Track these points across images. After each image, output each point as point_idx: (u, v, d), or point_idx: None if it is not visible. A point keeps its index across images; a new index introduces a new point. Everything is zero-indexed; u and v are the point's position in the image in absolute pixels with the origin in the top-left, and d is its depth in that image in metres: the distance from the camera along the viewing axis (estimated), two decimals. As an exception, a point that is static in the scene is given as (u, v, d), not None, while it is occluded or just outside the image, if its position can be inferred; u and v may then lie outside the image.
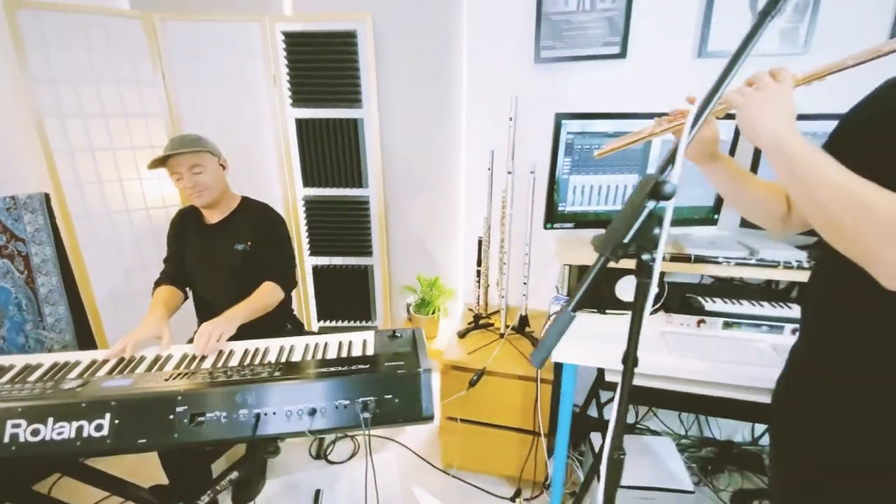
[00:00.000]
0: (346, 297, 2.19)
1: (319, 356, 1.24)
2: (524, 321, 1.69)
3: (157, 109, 1.86)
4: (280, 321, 1.69)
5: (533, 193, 1.53)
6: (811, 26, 1.47)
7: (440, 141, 1.96)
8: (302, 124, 1.95)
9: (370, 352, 1.26)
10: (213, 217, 1.50)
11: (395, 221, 2.12)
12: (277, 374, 1.09)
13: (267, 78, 1.90)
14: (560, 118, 1.44)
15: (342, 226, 2.09)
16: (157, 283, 1.50)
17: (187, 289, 1.56)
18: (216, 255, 1.49)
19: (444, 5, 1.78)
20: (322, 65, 1.87)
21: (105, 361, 1.20)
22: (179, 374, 1.10)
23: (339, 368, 1.12)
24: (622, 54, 1.61)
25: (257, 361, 1.21)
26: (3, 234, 1.62)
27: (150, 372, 1.15)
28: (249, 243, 1.49)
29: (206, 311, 1.54)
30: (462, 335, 1.76)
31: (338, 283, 2.18)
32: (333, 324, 2.27)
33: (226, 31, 1.84)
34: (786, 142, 0.64)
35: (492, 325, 1.80)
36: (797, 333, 0.84)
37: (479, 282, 1.76)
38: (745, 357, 1.24)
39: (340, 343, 1.30)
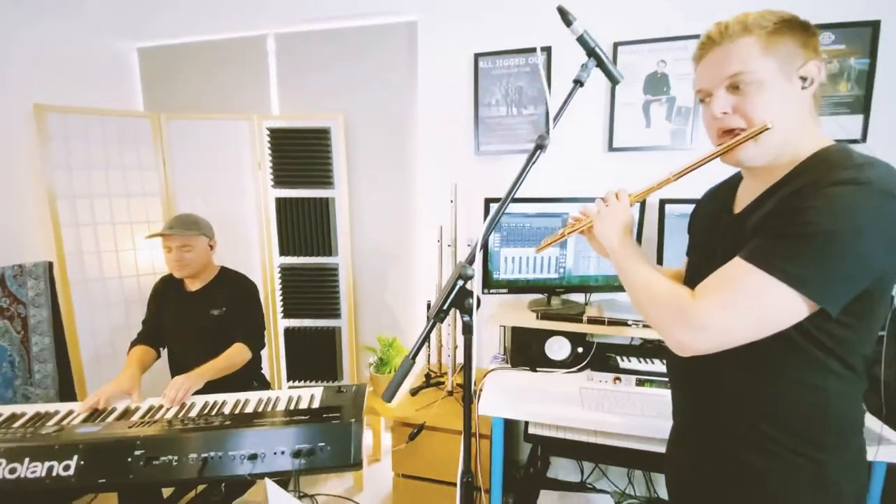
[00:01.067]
0: (315, 357, 2.36)
1: (270, 408, 1.41)
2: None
3: (155, 189, 2.16)
4: (247, 379, 1.86)
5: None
6: (694, 128, 1.80)
7: (400, 216, 2.24)
8: (281, 202, 2.24)
9: (315, 405, 1.43)
10: (193, 285, 1.73)
11: (361, 286, 2.35)
12: (228, 423, 1.26)
13: (253, 164, 2.22)
14: (488, 202, 1.71)
15: (313, 290, 2.31)
16: (134, 343, 1.70)
17: (162, 348, 1.75)
18: (193, 319, 1.70)
19: (403, 109, 2.14)
20: (300, 153, 2.20)
21: (74, 411, 1.36)
22: (143, 423, 1.27)
23: (282, 419, 1.29)
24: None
25: (214, 412, 1.38)
26: (7, 298, 1.84)
27: (119, 420, 1.32)
28: (224, 308, 1.71)
29: (179, 368, 1.72)
30: (414, 393, 1.91)
31: (307, 344, 2.36)
32: (302, 383, 2.41)
33: (220, 127, 2.19)
34: (615, 248, 0.83)
35: (442, 383, 1.96)
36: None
37: (428, 343, 1.95)
38: (656, 412, 1.38)
39: (290, 397, 1.47)
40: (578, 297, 1.88)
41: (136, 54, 2.42)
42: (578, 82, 0.85)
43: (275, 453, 1.21)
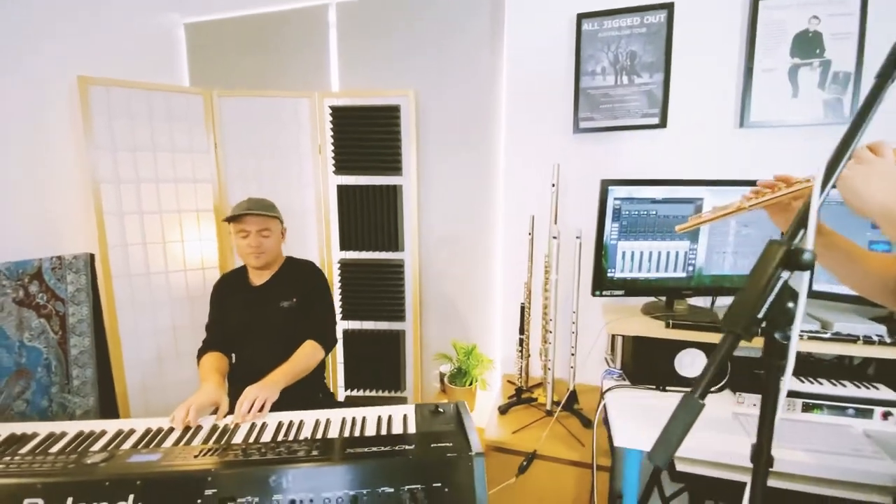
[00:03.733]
0: (376, 364, 2.10)
1: (357, 432, 1.14)
2: (573, 397, 1.56)
3: (206, 175, 1.93)
4: (313, 389, 1.60)
5: (579, 259, 1.48)
6: (855, 98, 1.48)
7: (477, 207, 1.97)
8: (343, 190, 1.99)
9: (411, 429, 1.15)
10: (259, 278, 1.50)
11: (429, 285, 2.08)
12: (315, 453, 0.99)
13: (312, 147, 1.97)
14: (606, 184, 1.42)
15: (376, 289, 2.05)
16: (203, 351, 1.48)
17: (232, 354, 1.53)
18: (261, 315, 1.47)
19: (484, 83, 1.87)
20: (365, 135, 1.95)
21: (131, 432, 1.12)
22: (210, 450, 1.01)
23: (381, 448, 1.02)
24: (662, 124, 1.63)
25: (291, 437, 1.12)
26: (44, 293, 1.63)
27: (179, 446, 1.06)
28: (295, 300, 1.49)
29: (246, 374, 1.47)
30: (503, 411, 1.63)
31: (368, 349, 2.09)
32: (361, 393, 2.15)
33: (277, 106, 1.95)
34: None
35: (534, 399, 1.67)
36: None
37: (521, 351, 1.66)
38: (840, 446, 1.09)
39: (379, 418, 1.20)
40: (696, 301, 1.58)
41: (182, 30, 2.21)
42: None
43: (379, 495, 0.93)
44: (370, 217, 1.99)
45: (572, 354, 1.53)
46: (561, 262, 1.57)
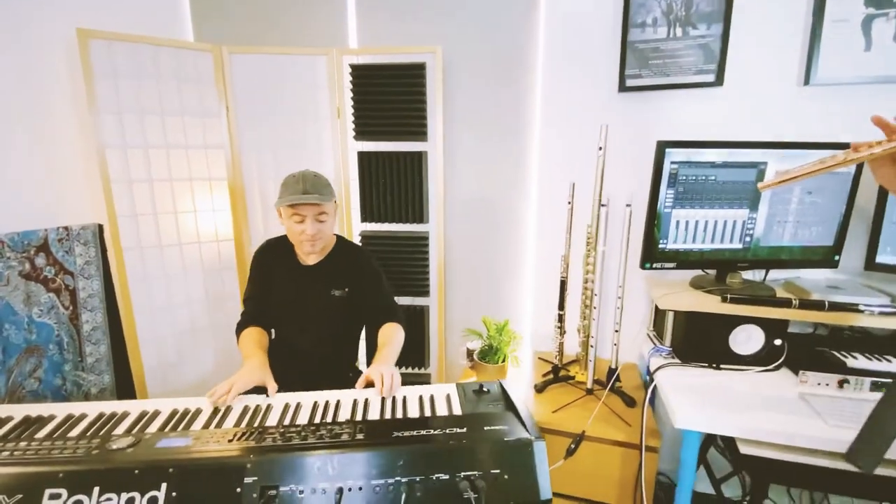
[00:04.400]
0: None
1: (399, 414, 1.06)
2: (613, 375, 1.48)
3: (217, 139, 1.80)
4: (343, 368, 1.53)
5: (629, 229, 1.37)
6: (940, 50, 1.33)
7: (509, 175, 1.84)
8: (364, 157, 1.86)
9: (456, 410, 1.07)
10: (310, 258, 1.39)
11: (454, 259, 1.97)
12: (360, 437, 0.91)
13: (331, 110, 1.83)
14: (663, 146, 1.30)
15: (399, 263, 1.95)
16: (243, 325, 1.38)
17: (271, 329, 1.46)
18: (310, 299, 1.39)
19: (519, 36, 1.72)
20: (388, 97, 1.81)
21: (157, 413, 1.04)
22: (244, 434, 0.92)
23: (431, 432, 0.94)
24: (718, 82, 1.49)
25: (329, 418, 1.03)
26: (53, 266, 1.53)
27: (210, 429, 0.98)
28: (347, 290, 1.41)
29: (285, 355, 1.39)
30: (540, 389, 1.55)
31: (391, 326, 2.01)
32: (383, 371, 2.07)
33: (292, 64, 1.80)
34: None
35: (571, 377, 1.59)
36: None
37: (560, 327, 1.57)
38: None
39: (421, 398, 1.12)
40: (746, 275, 1.47)
41: (185, -17, 2.04)
42: None
43: (434, 481, 0.85)
44: (393, 186, 1.87)
45: (616, 331, 1.44)
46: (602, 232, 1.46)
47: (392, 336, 1.35)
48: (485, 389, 1.14)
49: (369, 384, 1.15)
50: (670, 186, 1.32)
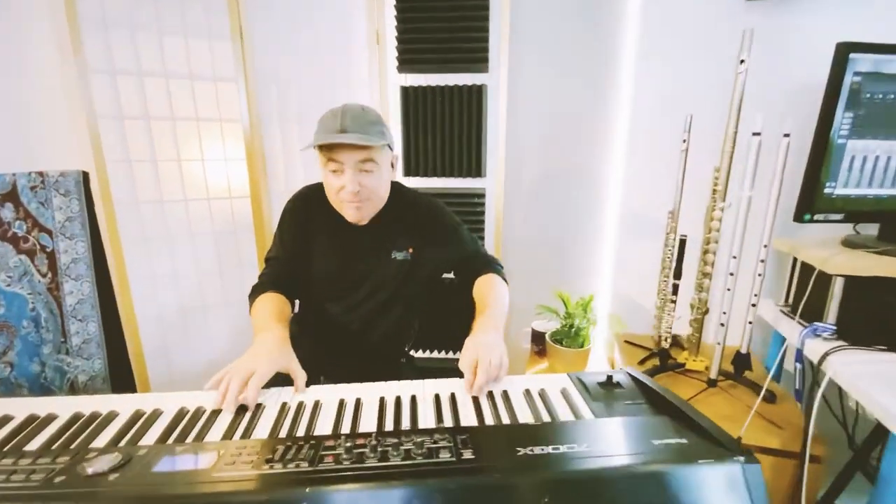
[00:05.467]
0: (446, 320, 1.69)
1: (506, 417, 0.73)
2: (744, 362, 1.15)
3: (228, 71, 1.45)
4: (395, 353, 1.21)
5: (783, 169, 1.02)
6: None
7: (588, 114, 1.49)
8: (409, 94, 1.51)
9: (584, 412, 0.74)
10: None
11: (514, 222, 1.63)
12: (467, 455, 0.58)
13: (368, 35, 1.48)
14: (846, 51, 0.94)
15: (449, 228, 1.61)
16: (260, 289, 0.99)
17: (295, 299, 1.10)
18: (362, 265, 1.03)
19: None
20: (441, 13, 1.45)
21: (156, 415, 0.71)
22: (289, 450, 0.60)
23: (573, 449, 0.61)
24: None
25: (405, 424, 0.71)
26: (25, 221, 1.20)
27: (234, 440, 0.66)
28: (411, 250, 1.04)
29: (324, 335, 1.07)
30: (643, 379, 1.22)
31: (436, 302, 1.68)
32: (426, 355, 1.76)
33: (320, -24, 1.45)
34: None
35: (681, 365, 1.26)
36: None
37: (674, 301, 1.24)
38: None
39: (528, 393, 0.79)
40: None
41: None
42: None
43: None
44: (444, 130, 1.52)
45: (753, 305, 1.10)
46: (732, 177, 1.12)
47: (492, 291, 0.98)
48: (615, 382, 0.81)
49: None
50: (849, 108, 0.97)
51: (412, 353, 1.69)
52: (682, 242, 1.19)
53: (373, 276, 1.03)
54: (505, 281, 1.04)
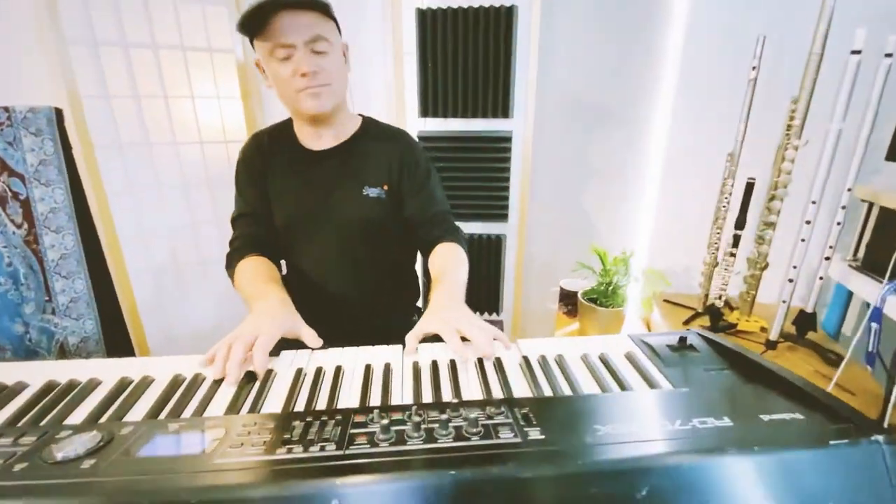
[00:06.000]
0: (470, 278, 1.56)
1: (564, 386, 0.61)
2: (808, 321, 1.03)
3: (217, -8, 1.25)
4: (407, 313, 1.08)
5: (879, 97, 0.85)
6: None
7: (636, 33, 1.30)
8: (426, 18, 1.31)
9: (660, 381, 0.62)
10: (321, 141, 0.88)
11: (543, 169, 1.47)
12: (534, 434, 0.46)
13: (378, -55, 1.27)
14: None
15: (470, 176, 1.46)
16: (237, 255, 0.86)
17: (281, 260, 0.96)
18: (332, 203, 0.88)
19: None
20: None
21: (147, 383, 0.59)
22: (309, 427, 0.47)
23: (664, 426, 0.49)
24: None
25: (445, 395, 0.59)
26: (-10, 163, 1.05)
27: (241, 414, 0.54)
28: (386, 187, 0.88)
29: (304, 292, 0.94)
30: (691, 341, 1.11)
31: (456, 260, 1.55)
32: (444, 316, 1.65)
33: None
34: None
35: (732, 325, 1.14)
36: None
37: (734, 255, 1.10)
38: None
39: (586, 359, 0.67)
40: None
41: None
42: None
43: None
44: (465, 62, 1.34)
45: (826, 258, 0.97)
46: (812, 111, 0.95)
47: (452, 262, 0.85)
48: (689, 344, 0.69)
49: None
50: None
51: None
52: (750, 186, 1.04)
53: (343, 216, 0.87)
54: (465, 250, 0.89)
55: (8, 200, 1.07)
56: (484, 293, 1.58)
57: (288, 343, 0.69)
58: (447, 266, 0.82)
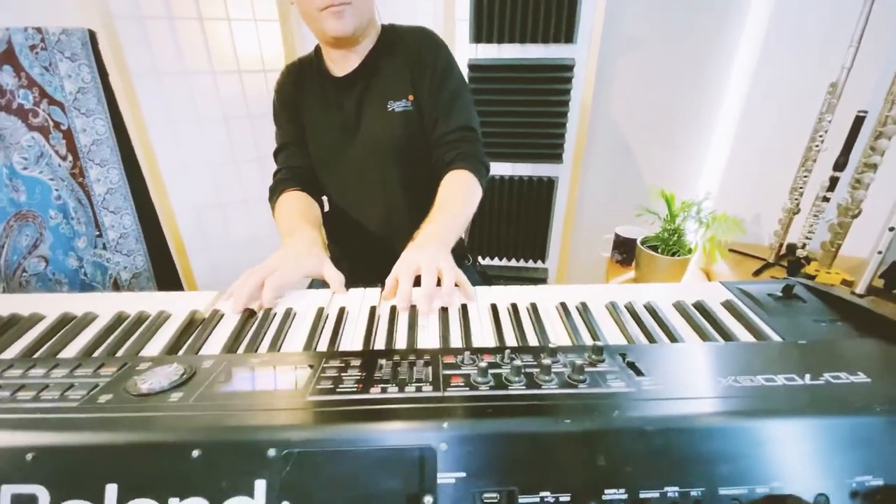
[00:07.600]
0: (512, 224, 1.50)
1: (660, 334, 0.55)
2: (904, 274, 0.94)
3: None
4: (457, 252, 1.02)
5: None
6: None
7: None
8: (483, -75, 1.16)
9: (766, 331, 0.55)
10: (345, 64, 0.80)
11: (606, 102, 1.35)
12: (648, 384, 0.42)
13: None
14: None
15: (525, 111, 1.34)
16: (279, 189, 0.83)
17: (321, 195, 0.91)
18: (361, 128, 0.81)
19: None
20: None
21: (163, 318, 0.56)
22: (398, 367, 0.44)
23: (793, 380, 0.43)
24: None
25: (509, 339, 0.54)
26: (29, 90, 1.01)
27: (278, 350, 0.51)
28: (411, 98, 0.80)
29: (346, 230, 0.90)
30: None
31: (503, 204, 1.48)
32: (490, 262, 1.60)
33: None
34: None
35: (810, 277, 1.05)
36: None
37: (828, 199, 0.99)
38: None
39: (680, 307, 0.61)
40: None
41: None
42: None
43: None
44: (525, -20, 1.19)
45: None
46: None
47: (454, 194, 0.76)
48: (796, 294, 0.62)
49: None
50: None
51: (482, 259, 1.52)
52: (859, 120, 0.91)
53: (371, 138, 0.80)
54: (479, 176, 0.78)
55: (50, 130, 1.04)
56: (530, 240, 1.51)
57: (320, 284, 0.65)
58: (447, 199, 0.74)
